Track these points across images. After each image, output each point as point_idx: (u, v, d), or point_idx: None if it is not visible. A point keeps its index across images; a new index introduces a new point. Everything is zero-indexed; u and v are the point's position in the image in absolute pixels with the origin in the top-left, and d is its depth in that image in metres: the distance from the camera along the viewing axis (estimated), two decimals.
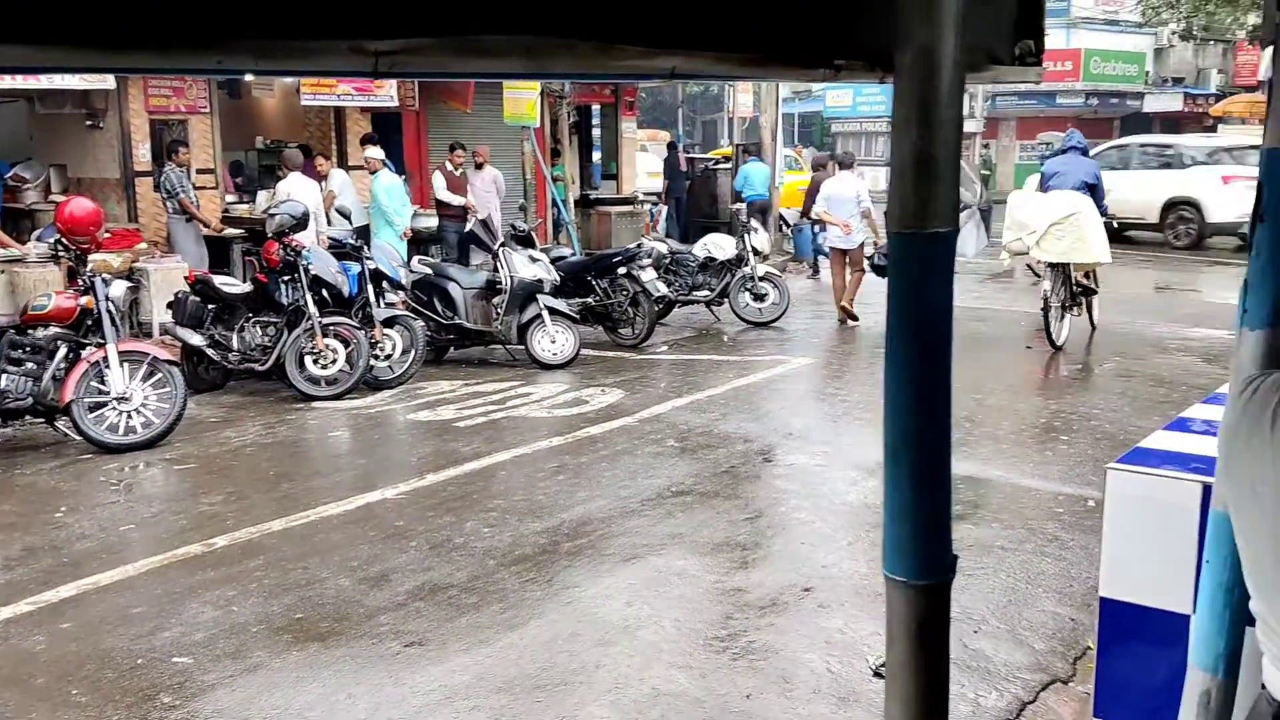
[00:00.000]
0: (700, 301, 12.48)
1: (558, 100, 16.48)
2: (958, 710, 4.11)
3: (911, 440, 1.43)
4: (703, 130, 46.59)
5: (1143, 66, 33.22)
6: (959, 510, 6.27)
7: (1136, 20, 32.41)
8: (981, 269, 17.30)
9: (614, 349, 10.92)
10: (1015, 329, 12.05)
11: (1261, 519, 1.79)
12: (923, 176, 1.37)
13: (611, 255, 11.51)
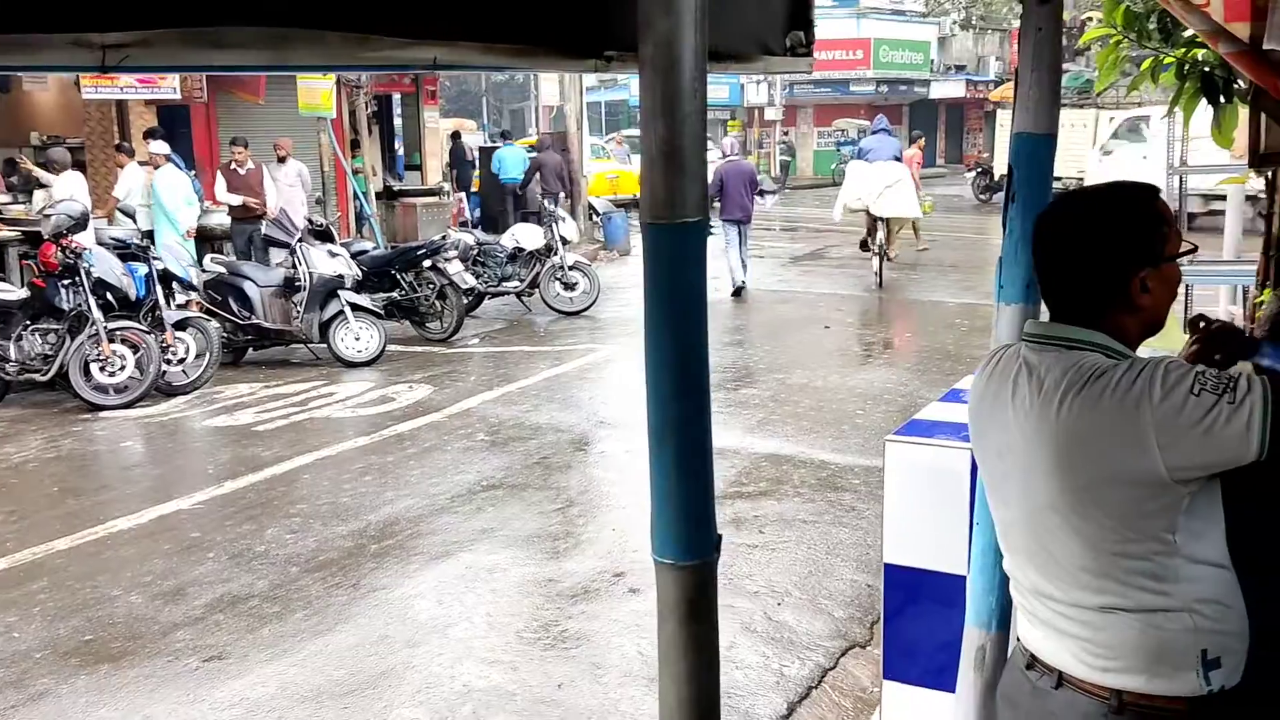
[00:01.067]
0: (510, 292, 12.43)
1: (354, 90, 16.07)
2: (763, 680, 4.24)
3: (674, 426, 1.46)
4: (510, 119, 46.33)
5: (928, 55, 34.86)
6: (764, 487, 6.46)
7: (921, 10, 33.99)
8: (782, 253, 17.89)
9: (422, 344, 10.75)
10: (817, 310, 12.49)
11: (1007, 483, 1.90)
12: (670, 168, 1.40)
13: (416, 248, 11.31)
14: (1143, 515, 1.71)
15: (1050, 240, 1.86)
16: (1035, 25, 2.67)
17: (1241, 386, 1.64)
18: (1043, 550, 1.84)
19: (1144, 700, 1.76)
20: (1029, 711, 1.91)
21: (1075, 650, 1.82)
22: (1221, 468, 1.68)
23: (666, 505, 1.47)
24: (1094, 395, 1.72)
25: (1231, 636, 1.77)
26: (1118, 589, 1.75)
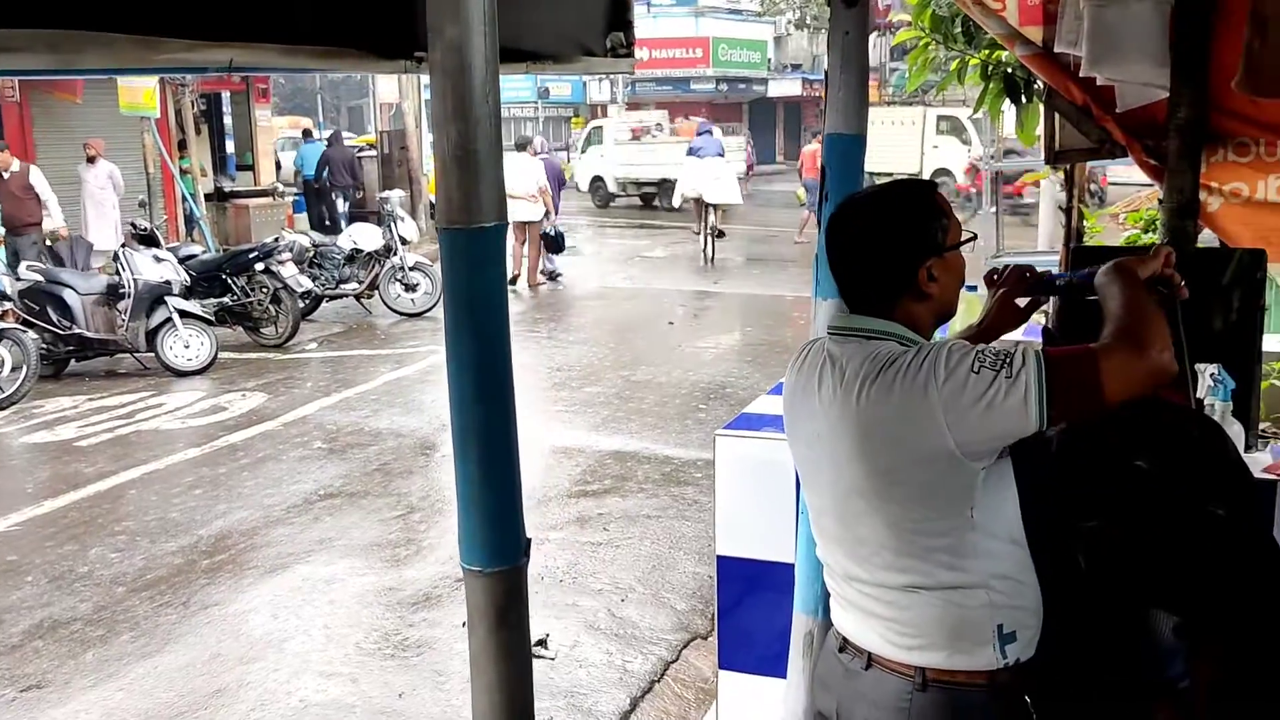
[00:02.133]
0: (349, 295, 12.15)
1: (180, 88, 15.45)
2: (607, 677, 4.26)
3: (478, 430, 1.45)
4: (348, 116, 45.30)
5: (765, 54, 35.59)
6: (608, 485, 6.49)
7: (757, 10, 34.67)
8: (631, 250, 18.01)
9: (257, 350, 10.41)
10: (662, 305, 12.61)
11: (817, 471, 1.96)
12: (465, 172, 1.39)
13: (247, 251, 10.95)
14: (941, 494, 1.78)
15: (840, 239, 1.92)
16: (843, 29, 2.76)
17: (1017, 361, 1.71)
18: (851, 535, 1.90)
19: (946, 676, 1.83)
20: (841, 694, 1.97)
21: (882, 631, 1.89)
22: (1007, 440, 1.75)
23: (472, 511, 1.46)
24: (887, 382, 1.78)
25: (1025, 611, 1.86)
26: (920, 567, 1.82)
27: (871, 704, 1.91)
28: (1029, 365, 1.71)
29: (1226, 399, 2.85)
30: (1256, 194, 3.25)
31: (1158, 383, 1.76)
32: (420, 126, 18.39)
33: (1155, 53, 2.90)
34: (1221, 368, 2.89)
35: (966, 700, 1.83)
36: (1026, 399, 1.69)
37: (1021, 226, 14.24)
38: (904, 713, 1.85)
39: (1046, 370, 1.70)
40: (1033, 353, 1.73)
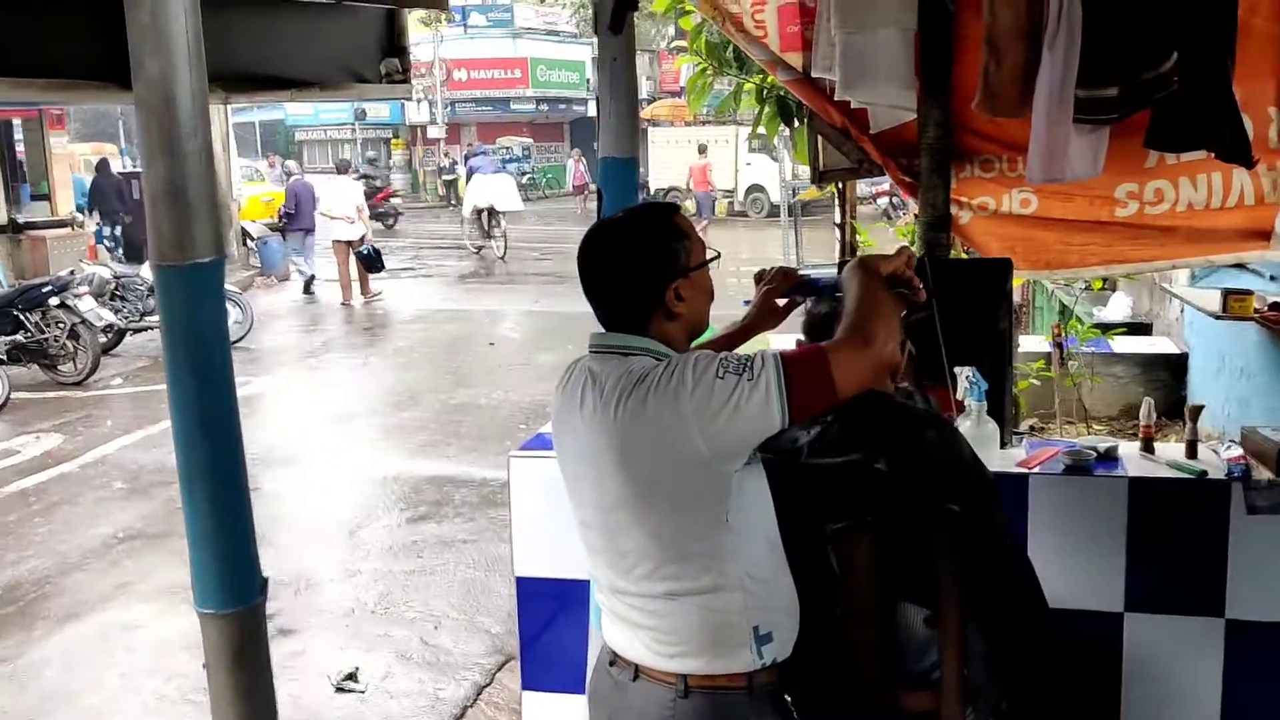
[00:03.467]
0: (155, 327, 11.64)
1: None
2: (418, 705, 4.22)
3: (203, 471, 1.43)
4: None
5: (583, 74, 35.84)
6: (424, 511, 6.42)
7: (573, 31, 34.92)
8: (450, 272, 17.85)
9: (54, 388, 9.89)
10: (482, 327, 12.54)
11: (582, 486, 2.00)
12: (176, 208, 1.37)
13: (40, 285, 10.38)
14: (698, 499, 1.85)
15: (590, 263, 1.98)
16: (610, 55, 2.84)
17: (757, 365, 1.80)
18: (614, 547, 1.95)
19: (707, 682, 1.89)
20: (612, 707, 2.01)
21: (647, 641, 1.94)
22: (754, 440, 1.83)
23: (203, 553, 1.44)
24: (642, 395, 1.84)
25: (780, 611, 1.94)
26: (678, 573, 1.87)
27: (639, 714, 1.95)
28: (768, 367, 1.79)
29: (981, 399, 3.03)
30: (1002, 207, 3.48)
31: (883, 374, 1.90)
32: (228, 150, 17.80)
33: (902, 76, 3.07)
34: (976, 370, 3.07)
35: (727, 703, 1.89)
36: (768, 399, 1.78)
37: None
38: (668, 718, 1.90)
39: (784, 371, 1.79)
40: (771, 356, 1.82)
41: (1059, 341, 4.46)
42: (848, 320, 1.88)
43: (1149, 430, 3.10)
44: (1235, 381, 4.05)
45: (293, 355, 11.42)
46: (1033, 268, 3.58)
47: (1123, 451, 3.09)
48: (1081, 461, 2.98)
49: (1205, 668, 2.91)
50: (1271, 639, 2.86)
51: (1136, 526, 2.90)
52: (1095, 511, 2.93)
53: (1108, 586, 2.94)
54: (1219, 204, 3.37)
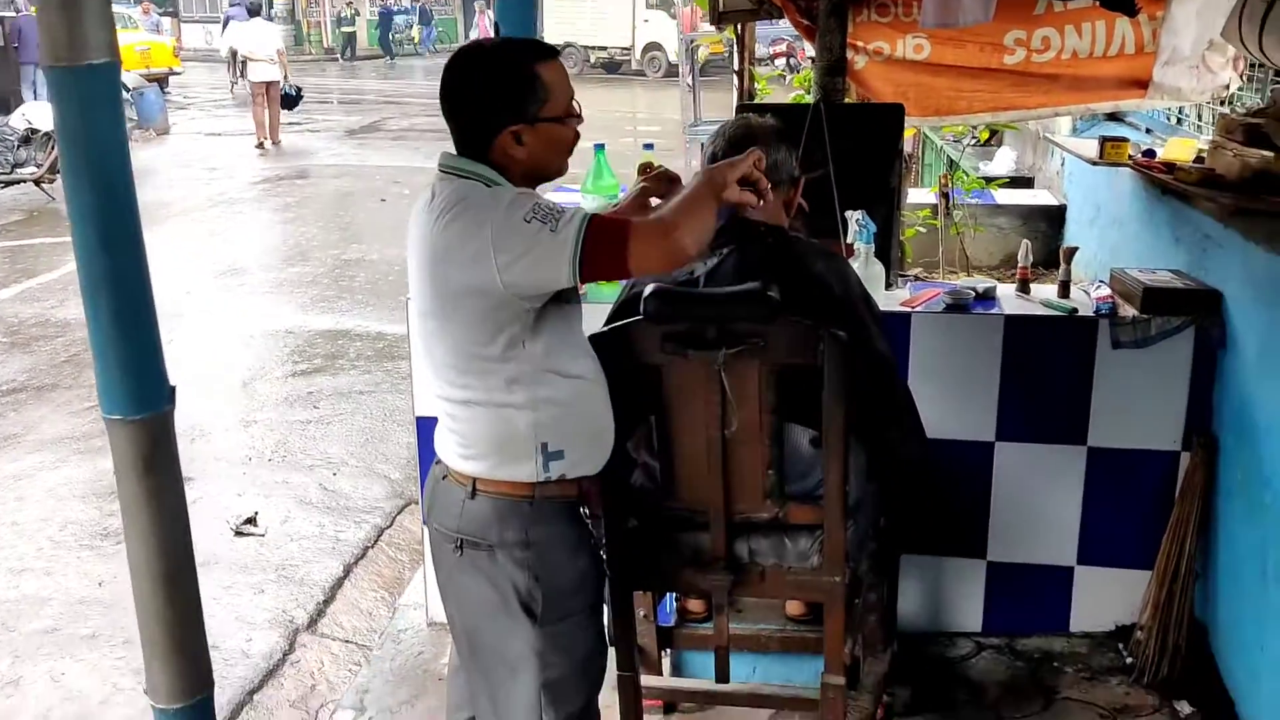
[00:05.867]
0: (28, 180, 11.12)
1: None
2: (319, 548, 4.28)
3: (107, 279, 1.43)
4: None
5: None
6: (319, 364, 6.40)
7: None
8: (337, 127, 17.33)
9: None
10: (374, 183, 12.28)
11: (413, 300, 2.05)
12: (67, 5, 1.34)
13: None
14: (494, 322, 1.92)
15: (445, 83, 1.98)
16: None
17: (564, 218, 1.86)
18: (430, 354, 2.04)
19: (492, 485, 2.01)
20: (431, 502, 2.14)
21: (451, 443, 2.05)
22: (545, 287, 1.90)
23: (109, 361, 1.45)
24: (458, 215, 1.90)
25: (577, 436, 2.03)
26: (476, 384, 1.97)
27: (444, 509, 2.08)
28: (573, 224, 1.85)
29: (869, 241, 3.14)
30: (896, 52, 3.54)
31: (674, 265, 1.98)
32: None
33: None
34: (865, 214, 3.17)
35: (508, 508, 2.00)
36: (561, 253, 1.84)
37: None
38: (457, 518, 2.03)
39: (587, 232, 1.84)
40: (581, 215, 1.87)
41: (945, 191, 4.58)
42: (667, 209, 1.96)
43: (1025, 271, 3.25)
44: (1108, 230, 4.24)
45: (177, 209, 11.03)
46: (924, 113, 3.67)
47: (1000, 292, 3.24)
48: (961, 300, 3.12)
49: (1067, 492, 3.13)
50: (1125, 464, 3.08)
51: (1010, 361, 3.07)
52: (972, 348, 3.08)
53: (981, 418, 3.11)
54: (1101, 52, 3.48)
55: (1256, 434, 2.76)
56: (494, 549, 2.00)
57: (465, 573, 2.05)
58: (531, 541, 1.99)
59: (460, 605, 2.10)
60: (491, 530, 2.00)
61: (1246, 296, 2.85)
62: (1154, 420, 3.05)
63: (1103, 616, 3.22)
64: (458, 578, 2.07)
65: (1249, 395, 2.82)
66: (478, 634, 2.08)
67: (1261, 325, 2.75)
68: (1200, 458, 2.99)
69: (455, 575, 2.08)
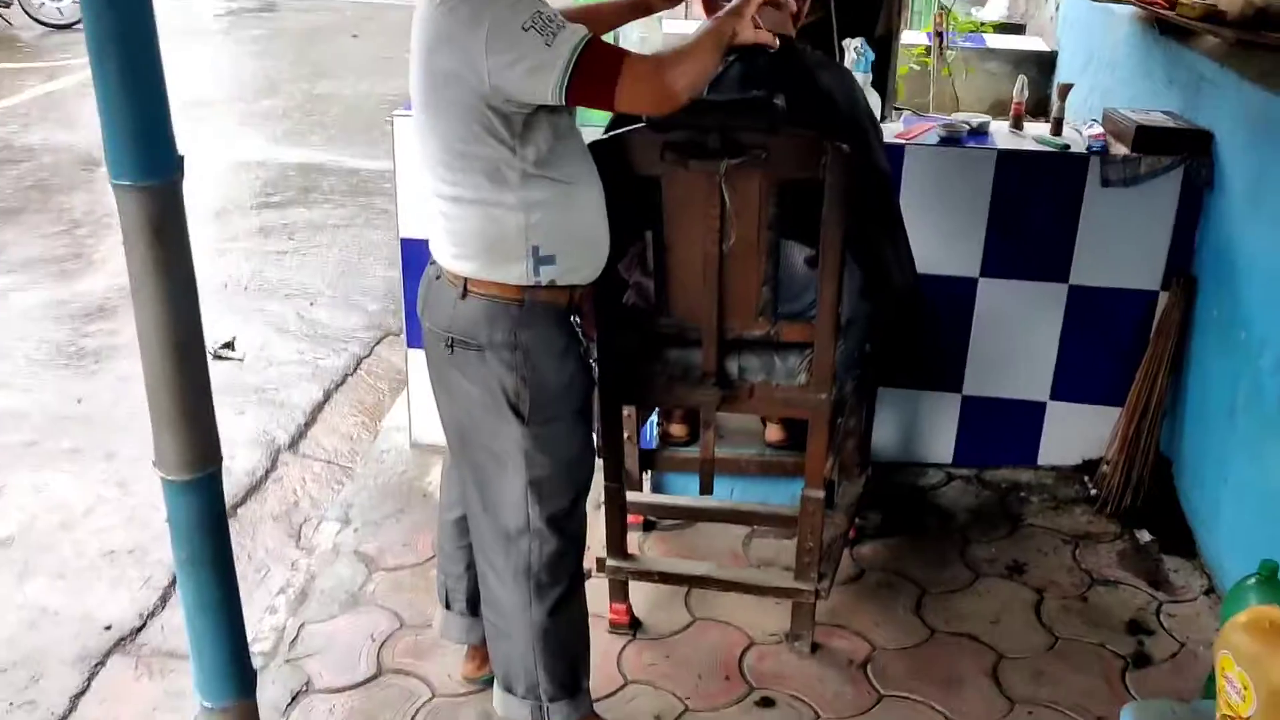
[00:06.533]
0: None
1: None
2: (300, 373, 4.30)
3: (113, 38, 1.39)
4: None
5: None
6: (292, 196, 6.32)
7: None
8: None
9: None
10: (344, 18, 11.91)
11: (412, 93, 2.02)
12: None
13: None
14: (481, 120, 1.88)
15: None
16: None
17: (563, 36, 1.80)
18: (424, 147, 2.01)
19: (482, 286, 2.00)
20: (425, 300, 2.13)
21: (443, 241, 2.04)
22: (527, 98, 1.85)
23: (118, 126, 1.42)
24: (460, 4, 1.84)
25: (571, 241, 2.02)
26: (465, 181, 1.95)
27: (436, 309, 2.08)
28: (568, 44, 1.80)
29: (866, 70, 3.10)
30: None
31: (661, 108, 1.94)
32: None
33: None
34: (864, 41, 3.12)
35: (498, 309, 2.00)
36: (550, 70, 1.80)
37: None
38: (450, 317, 2.04)
39: (581, 54, 1.80)
40: (579, 36, 1.81)
41: (939, 31, 4.52)
42: (672, 50, 1.91)
43: (1019, 107, 3.23)
44: (1101, 73, 4.20)
45: None
46: None
47: (993, 128, 3.23)
48: (955, 134, 3.11)
49: (1045, 328, 3.19)
50: (1105, 302, 3.13)
51: (1000, 197, 3.08)
52: (964, 182, 3.09)
53: (968, 253, 3.14)
54: None
55: (1236, 274, 2.81)
56: (483, 349, 2.02)
57: (456, 370, 2.07)
58: (519, 344, 2.01)
59: (451, 401, 2.13)
60: (481, 330, 2.01)
61: (1238, 137, 2.86)
62: (1136, 260, 3.09)
63: (1071, 451, 3.32)
64: (449, 374, 2.09)
65: (1232, 236, 2.85)
66: (468, 430, 2.12)
67: (1251, 166, 2.77)
68: (1178, 297, 3.04)
69: (446, 372, 2.10)
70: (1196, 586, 2.87)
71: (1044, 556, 3.00)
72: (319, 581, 2.93)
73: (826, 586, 2.59)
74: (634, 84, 1.85)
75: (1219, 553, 2.84)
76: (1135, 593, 2.85)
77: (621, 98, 1.87)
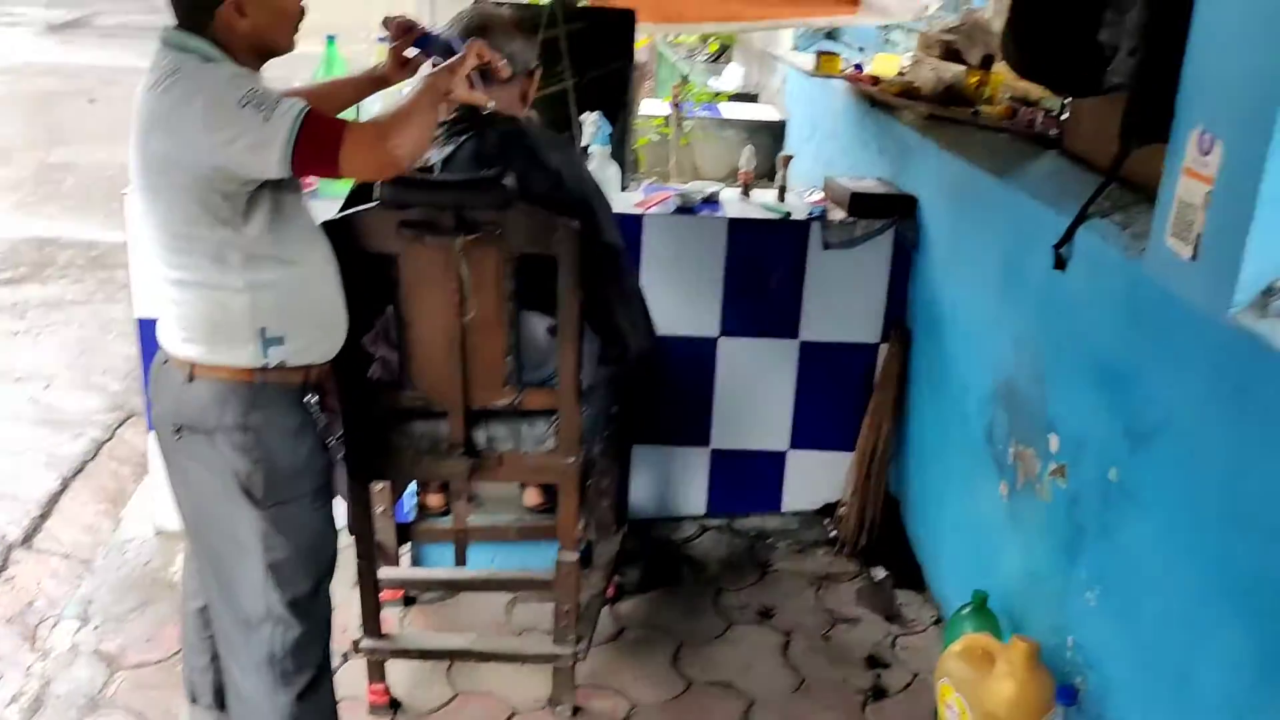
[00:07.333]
0: None
1: None
2: (34, 461, 4.03)
3: None
4: None
5: None
6: (25, 272, 5.97)
7: None
8: (37, 21, 15.83)
9: None
10: (83, 82, 11.34)
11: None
12: None
13: None
14: (202, 201, 1.88)
15: None
16: None
17: (281, 108, 1.82)
18: (145, 231, 1.98)
19: (210, 369, 1.99)
20: (154, 389, 2.10)
21: (170, 325, 2.02)
22: (252, 174, 1.87)
23: None
24: (172, 86, 1.85)
25: (298, 321, 2.02)
26: (188, 264, 1.93)
27: (163, 395, 2.05)
28: (287, 116, 1.82)
29: (605, 143, 3.24)
30: None
31: (385, 173, 2.00)
32: None
33: None
34: (602, 115, 3.26)
35: (227, 391, 1.99)
36: (272, 144, 1.81)
37: None
38: (178, 402, 2.01)
39: (302, 125, 1.82)
40: (299, 107, 1.84)
41: (677, 102, 4.75)
42: (387, 114, 1.94)
43: (747, 176, 3.45)
44: (824, 142, 4.52)
45: None
46: (655, 19, 3.79)
47: (724, 196, 3.43)
48: (689, 203, 3.28)
49: (781, 381, 3.38)
50: (832, 354, 3.36)
51: (733, 261, 3.26)
52: (699, 248, 3.25)
53: (706, 314, 3.31)
54: None
55: (941, 325, 3.08)
56: (212, 433, 1.99)
57: (187, 458, 2.03)
58: (250, 426, 1.99)
59: (185, 488, 2.08)
60: (209, 414, 1.98)
61: (937, 201, 3.15)
62: (858, 315, 3.33)
63: (811, 496, 3.52)
64: (180, 463, 2.05)
65: (936, 291, 3.13)
66: (203, 517, 2.07)
67: (948, 227, 3.06)
68: (896, 348, 3.30)
69: (178, 461, 2.05)
70: (926, 618, 3.09)
71: (790, 600, 3.17)
72: (54, 686, 2.76)
73: (585, 649, 2.64)
74: (356, 151, 1.87)
75: (943, 585, 3.08)
76: (873, 628, 3.05)
77: (345, 165, 1.88)
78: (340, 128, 1.88)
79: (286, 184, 1.96)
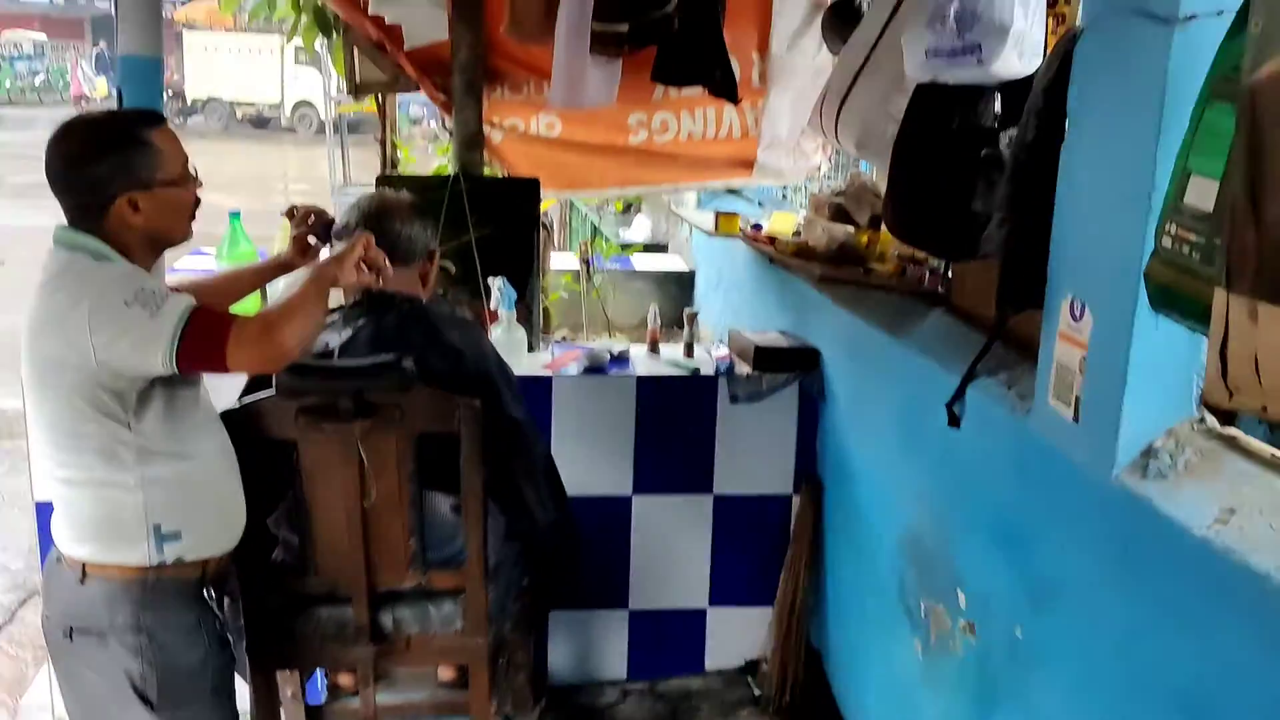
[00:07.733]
0: None
1: None
2: None
3: None
4: None
5: None
6: None
7: None
8: None
9: None
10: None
11: None
12: None
13: None
14: (91, 400, 1.87)
15: (48, 158, 1.93)
16: None
17: (168, 306, 1.85)
18: (32, 430, 1.97)
19: (101, 569, 1.95)
20: (46, 589, 2.06)
21: (60, 524, 1.99)
22: (142, 373, 1.88)
23: None
24: (59, 288, 1.87)
25: (194, 516, 2.01)
26: (77, 462, 1.92)
27: (55, 595, 2.01)
28: (173, 314, 1.84)
29: (510, 308, 3.28)
30: (530, 129, 3.73)
31: (274, 365, 2.01)
32: None
33: None
34: (506, 280, 3.31)
35: (120, 591, 1.95)
36: (157, 341, 1.83)
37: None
38: (69, 603, 1.97)
39: (187, 323, 1.84)
40: (185, 305, 1.86)
41: (586, 258, 4.85)
42: (273, 307, 1.97)
43: (655, 334, 3.50)
44: (729, 293, 4.62)
45: None
46: (559, 187, 3.89)
47: (633, 353, 3.47)
48: (598, 363, 3.31)
49: (697, 537, 3.37)
50: (747, 508, 3.36)
51: (644, 418, 3.28)
52: (609, 407, 3.27)
53: (619, 473, 3.30)
54: (713, 135, 3.84)
55: (850, 475, 3.11)
56: (105, 635, 1.94)
57: (79, 662, 1.96)
58: (144, 626, 1.94)
59: (75, 694, 2.01)
60: (101, 615, 1.93)
61: (838, 354, 3.22)
62: (769, 467, 3.35)
63: (733, 653, 3.48)
64: (72, 668, 1.98)
65: (842, 441, 3.17)
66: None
67: (849, 379, 3.12)
68: (808, 499, 3.32)
69: (70, 665, 1.98)
70: None
71: None
72: None
73: None
74: (242, 346, 1.87)
75: None
76: None
77: (232, 361, 1.88)
78: (227, 324, 1.88)
79: (179, 378, 1.94)
